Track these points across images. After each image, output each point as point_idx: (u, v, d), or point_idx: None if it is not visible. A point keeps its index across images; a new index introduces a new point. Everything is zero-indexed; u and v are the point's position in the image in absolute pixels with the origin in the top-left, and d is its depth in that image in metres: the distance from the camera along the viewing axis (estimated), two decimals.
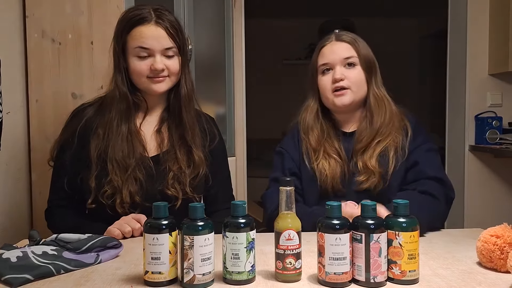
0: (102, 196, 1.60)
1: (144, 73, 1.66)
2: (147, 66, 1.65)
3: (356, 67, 1.76)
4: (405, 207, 1.12)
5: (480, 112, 3.65)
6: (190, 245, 1.07)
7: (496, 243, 1.20)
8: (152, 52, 1.64)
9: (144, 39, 1.64)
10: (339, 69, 1.74)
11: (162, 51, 1.65)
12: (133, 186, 1.62)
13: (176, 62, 1.68)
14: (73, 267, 1.22)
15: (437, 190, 1.65)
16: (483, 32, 3.64)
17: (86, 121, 1.70)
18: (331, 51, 1.77)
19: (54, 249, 1.25)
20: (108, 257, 1.31)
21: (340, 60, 1.75)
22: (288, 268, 1.11)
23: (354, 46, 1.76)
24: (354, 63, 1.75)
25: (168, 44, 1.66)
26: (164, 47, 1.65)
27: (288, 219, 1.12)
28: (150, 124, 1.75)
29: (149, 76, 1.66)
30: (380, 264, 1.08)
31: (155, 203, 1.13)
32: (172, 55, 1.67)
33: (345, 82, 1.73)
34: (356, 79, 1.75)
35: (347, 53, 1.75)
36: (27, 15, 2.13)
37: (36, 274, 1.15)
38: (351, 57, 1.75)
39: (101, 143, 1.65)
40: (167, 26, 1.66)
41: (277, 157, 1.86)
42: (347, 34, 1.80)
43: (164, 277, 1.10)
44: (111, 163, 1.63)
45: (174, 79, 1.70)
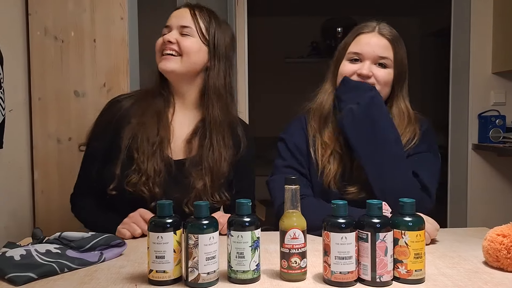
0: (127, 184, 1.57)
1: (159, 47, 1.65)
2: (162, 40, 1.65)
3: (387, 69, 1.64)
4: (411, 206, 1.11)
5: (484, 110, 3.63)
6: (194, 244, 1.06)
7: (502, 242, 1.19)
8: (170, 29, 1.65)
9: (169, 18, 1.67)
10: (368, 65, 1.63)
11: (179, 28, 1.64)
12: (157, 167, 1.58)
13: (191, 42, 1.64)
14: (77, 266, 1.22)
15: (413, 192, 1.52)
16: (486, 30, 3.62)
17: (123, 111, 1.68)
18: (368, 43, 1.64)
19: (58, 248, 1.25)
20: (112, 255, 1.30)
21: (374, 57, 1.63)
22: (294, 267, 1.10)
23: (393, 47, 1.65)
24: (386, 64, 1.64)
25: (186, 22, 1.64)
26: (180, 24, 1.64)
27: (293, 217, 1.11)
28: (181, 123, 1.70)
29: (162, 52, 1.64)
30: (386, 263, 1.07)
31: (159, 202, 1.12)
32: (188, 35, 1.64)
33: (371, 79, 1.63)
34: (384, 79, 1.63)
35: (384, 52, 1.63)
36: (29, 12, 2.12)
37: (40, 272, 1.15)
38: (386, 58, 1.64)
39: (132, 132, 1.62)
40: (194, 8, 1.66)
41: (282, 144, 1.75)
42: (391, 30, 1.67)
43: (169, 276, 1.09)
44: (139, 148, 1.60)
45: (187, 60, 1.63)
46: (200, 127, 1.68)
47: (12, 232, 1.97)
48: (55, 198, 2.18)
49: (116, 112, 1.68)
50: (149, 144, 1.60)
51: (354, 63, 1.66)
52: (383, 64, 1.64)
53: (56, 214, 2.18)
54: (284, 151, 1.73)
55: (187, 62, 1.64)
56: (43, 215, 2.17)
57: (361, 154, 1.58)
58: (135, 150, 1.60)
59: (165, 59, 1.63)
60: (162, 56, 1.64)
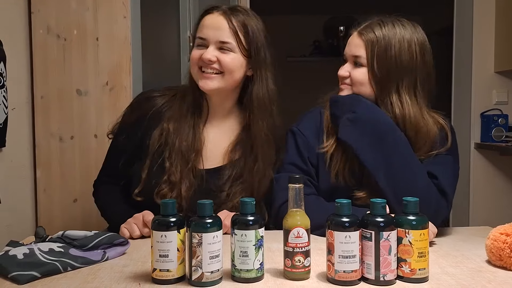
0: (157, 195, 1.52)
1: (194, 61, 1.55)
2: (199, 54, 1.54)
3: (362, 68, 1.59)
4: (415, 204, 1.11)
5: (486, 109, 3.63)
6: (198, 243, 1.06)
7: (506, 241, 1.19)
8: (207, 43, 1.54)
9: (203, 28, 1.55)
10: (347, 65, 1.63)
11: (217, 43, 1.53)
12: (190, 181, 1.54)
13: (232, 58, 1.54)
14: (80, 264, 1.21)
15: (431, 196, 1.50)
16: (489, 29, 3.61)
17: (155, 111, 1.60)
18: (349, 43, 1.63)
19: (61, 246, 1.24)
20: (114, 254, 1.30)
21: (349, 57, 1.62)
22: (297, 266, 1.10)
23: (369, 46, 1.57)
24: (361, 63, 1.59)
25: (225, 37, 1.53)
26: (219, 39, 1.53)
27: (297, 216, 1.11)
28: (215, 133, 1.64)
29: (201, 69, 1.55)
30: (390, 262, 1.07)
31: (162, 200, 1.12)
32: (229, 51, 1.54)
33: (348, 79, 1.62)
34: (357, 78, 1.59)
35: (357, 51, 1.59)
36: (32, 11, 2.13)
37: (43, 271, 1.15)
38: (358, 57, 1.59)
39: (164, 136, 1.57)
40: (232, 18, 1.54)
41: (291, 137, 1.69)
42: (372, 29, 1.59)
43: (172, 274, 1.09)
44: (172, 159, 1.54)
45: (229, 78, 1.55)
46: (244, 138, 1.62)
47: (14, 230, 1.97)
48: (57, 197, 2.19)
49: (148, 110, 1.61)
50: (183, 156, 1.55)
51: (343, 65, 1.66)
52: (357, 63, 1.60)
53: (58, 212, 2.18)
54: (291, 146, 1.68)
55: (229, 80, 1.56)
56: (45, 214, 2.18)
57: (369, 161, 1.52)
58: (167, 159, 1.55)
59: (205, 78, 1.54)
60: (203, 74, 1.54)
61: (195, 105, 1.61)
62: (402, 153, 1.52)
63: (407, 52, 1.57)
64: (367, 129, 1.54)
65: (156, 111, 1.61)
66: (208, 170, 1.59)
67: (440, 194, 1.52)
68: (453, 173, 1.60)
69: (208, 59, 1.52)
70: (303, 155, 1.64)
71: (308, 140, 1.66)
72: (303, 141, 1.66)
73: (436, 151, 1.57)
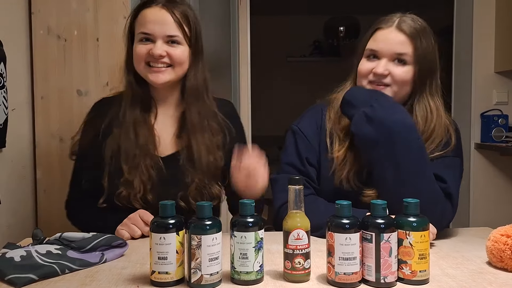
0: (117, 198, 1.55)
1: (142, 57, 1.55)
2: (146, 50, 1.55)
3: (406, 65, 1.53)
4: (416, 206, 1.10)
5: (486, 110, 3.63)
6: (197, 245, 1.06)
7: (506, 242, 1.18)
8: (153, 38, 1.55)
9: (147, 23, 1.55)
10: (385, 63, 1.54)
11: (164, 38, 1.55)
12: (144, 177, 1.55)
13: (181, 51, 1.57)
14: (77, 267, 1.21)
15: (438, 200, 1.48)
16: (489, 30, 3.61)
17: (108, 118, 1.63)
18: (385, 39, 1.54)
19: (58, 248, 1.24)
20: (113, 256, 1.30)
21: (391, 54, 1.53)
22: (297, 268, 1.09)
23: (413, 42, 1.52)
24: (405, 60, 1.53)
25: (172, 31, 1.55)
26: (167, 33, 1.54)
27: (297, 218, 1.11)
28: (165, 123, 1.66)
29: (148, 63, 1.56)
30: (390, 264, 1.07)
31: (161, 202, 1.12)
32: (177, 44, 1.56)
33: (388, 79, 1.54)
34: (401, 78, 1.53)
35: (402, 48, 1.52)
36: (32, 11, 2.12)
37: (41, 273, 1.14)
38: (404, 54, 1.52)
39: (114, 141, 1.59)
40: (174, 11, 1.55)
41: (291, 136, 1.67)
42: (412, 24, 1.55)
43: (171, 277, 1.08)
44: (124, 160, 1.56)
45: (179, 70, 1.59)
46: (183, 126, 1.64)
47: (14, 231, 1.97)
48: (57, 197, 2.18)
49: (102, 120, 1.64)
50: (132, 155, 1.57)
51: (372, 61, 1.57)
52: (401, 60, 1.53)
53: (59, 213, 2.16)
54: (290, 146, 1.66)
55: (179, 72, 1.60)
56: (45, 214, 2.17)
57: (378, 161, 1.48)
58: (123, 162, 1.57)
59: (156, 72, 1.56)
60: (151, 68, 1.56)
61: (142, 101, 1.62)
62: (415, 158, 1.46)
63: (435, 50, 1.57)
64: (383, 127, 1.47)
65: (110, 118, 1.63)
66: (164, 158, 1.61)
67: (446, 198, 1.49)
68: (460, 176, 1.59)
69: (159, 54, 1.53)
70: (301, 156, 1.63)
71: (309, 140, 1.64)
72: (303, 141, 1.64)
73: (443, 152, 1.55)
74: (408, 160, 1.45)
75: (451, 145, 1.57)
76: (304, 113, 1.72)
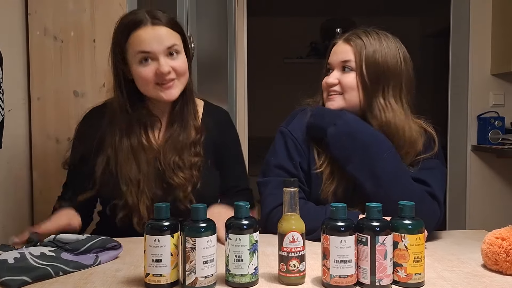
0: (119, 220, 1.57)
1: (150, 79, 1.55)
2: (152, 71, 1.54)
3: (351, 72, 1.58)
4: (411, 209, 1.11)
5: (483, 112, 3.64)
6: (192, 247, 1.06)
7: (501, 245, 1.18)
8: (154, 55, 1.53)
9: (143, 42, 1.53)
10: (335, 73, 1.61)
11: (165, 51, 1.54)
12: (148, 201, 1.56)
13: (182, 61, 1.58)
14: (71, 269, 1.21)
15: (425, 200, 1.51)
16: (485, 32, 3.62)
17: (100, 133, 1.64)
18: (335, 51, 1.63)
19: (52, 250, 1.23)
20: (107, 258, 1.29)
21: (338, 63, 1.61)
22: (292, 271, 1.09)
23: (356, 49, 1.57)
24: (350, 67, 1.58)
25: (170, 41, 1.55)
26: (166, 46, 1.54)
27: (292, 220, 1.10)
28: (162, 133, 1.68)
29: (157, 82, 1.55)
30: (385, 267, 1.07)
31: (156, 204, 1.12)
32: (177, 54, 1.57)
33: (338, 87, 1.60)
34: (348, 84, 1.58)
35: (345, 56, 1.59)
36: (29, 12, 2.12)
37: (34, 276, 1.14)
38: (347, 61, 1.58)
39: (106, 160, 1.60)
40: (165, 23, 1.55)
41: (281, 138, 1.66)
42: (361, 34, 1.60)
43: (166, 279, 1.08)
44: (124, 182, 1.57)
45: (183, 80, 1.60)
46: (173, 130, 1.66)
47: (10, 232, 1.96)
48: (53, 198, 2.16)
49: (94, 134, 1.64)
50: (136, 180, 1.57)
51: (328, 75, 1.64)
52: (347, 67, 1.59)
53: None
54: (280, 148, 1.64)
55: (184, 81, 1.61)
56: (41, 216, 2.16)
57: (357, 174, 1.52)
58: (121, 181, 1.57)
59: (167, 89, 1.56)
60: (162, 86, 1.56)
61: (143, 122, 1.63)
62: (386, 160, 1.50)
63: (392, 57, 1.58)
64: (350, 140, 1.52)
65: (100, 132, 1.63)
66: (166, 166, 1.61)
67: (432, 199, 1.51)
68: (442, 177, 1.61)
69: (167, 71, 1.53)
70: (294, 159, 1.61)
71: (299, 143, 1.63)
72: (294, 144, 1.63)
73: (422, 156, 1.57)
74: (384, 167, 1.49)
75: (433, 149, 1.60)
76: (292, 115, 1.71)
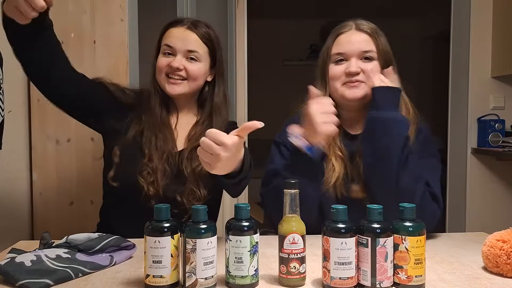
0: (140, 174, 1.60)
1: (162, 68, 1.67)
2: (166, 62, 1.67)
3: (373, 61, 1.62)
4: (412, 211, 1.10)
5: (483, 114, 3.63)
6: (192, 249, 1.05)
7: (502, 248, 1.18)
8: (174, 51, 1.66)
9: (171, 38, 1.68)
10: (355, 62, 1.61)
11: (185, 53, 1.66)
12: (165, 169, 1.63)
13: (198, 68, 1.68)
14: (89, 270, 1.20)
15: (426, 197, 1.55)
16: (486, 34, 3.62)
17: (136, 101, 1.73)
18: (349, 41, 1.64)
19: (67, 252, 1.22)
20: (122, 258, 1.29)
21: (358, 53, 1.62)
22: (292, 273, 1.09)
23: (374, 39, 1.63)
24: (372, 57, 1.62)
25: (193, 47, 1.67)
26: (188, 48, 1.66)
27: (292, 222, 1.10)
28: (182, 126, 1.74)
29: (167, 74, 1.67)
30: (386, 269, 1.06)
31: (156, 205, 1.11)
32: (196, 61, 1.67)
33: (361, 75, 1.61)
34: (374, 72, 1.60)
35: (366, 46, 1.63)
36: None
37: (56, 278, 1.13)
38: (369, 51, 1.62)
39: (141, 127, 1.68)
40: (198, 31, 1.68)
41: (275, 149, 1.72)
42: (368, 24, 1.67)
43: (166, 281, 1.08)
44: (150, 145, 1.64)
45: (193, 84, 1.69)
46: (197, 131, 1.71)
47: (10, 233, 1.96)
48: (53, 200, 2.17)
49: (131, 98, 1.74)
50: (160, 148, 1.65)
51: (341, 64, 1.64)
52: (368, 57, 1.62)
53: (54, 215, 2.17)
54: (276, 156, 1.70)
55: (194, 86, 1.70)
56: (41, 217, 2.16)
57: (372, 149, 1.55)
58: (146, 146, 1.64)
59: (172, 84, 1.67)
60: (169, 79, 1.67)
61: (165, 104, 1.74)
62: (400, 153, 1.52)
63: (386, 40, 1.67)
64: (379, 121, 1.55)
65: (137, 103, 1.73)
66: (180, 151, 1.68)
67: (432, 201, 1.54)
68: (439, 175, 1.64)
69: (177, 67, 1.65)
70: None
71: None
72: (287, 150, 1.66)
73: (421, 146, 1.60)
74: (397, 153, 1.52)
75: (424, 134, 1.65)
76: (284, 125, 1.73)
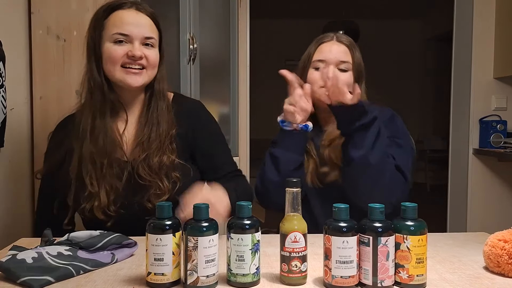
0: (82, 212, 1.54)
1: (118, 59, 1.52)
2: (123, 51, 1.52)
3: (348, 72, 1.77)
4: (413, 210, 1.10)
5: (485, 115, 3.64)
6: (194, 246, 1.05)
7: (504, 247, 1.18)
8: (130, 39, 1.53)
9: (124, 25, 1.53)
10: (333, 69, 1.75)
11: (142, 39, 1.54)
12: (109, 187, 1.53)
13: (155, 54, 1.57)
14: (90, 267, 1.20)
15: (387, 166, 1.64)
16: (488, 35, 3.62)
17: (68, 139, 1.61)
18: (330, 50, 1.79)
19: (68, 249, 1.22)
20: (123, 256, 1.29)
21: (336, 62, 1.77)
22: (294, 271, 1.09)
23: (351, 52, 1.80)
24: (347, 68, 1.77)
25: (149, 33, 1.55)
26: (145, 35, 1.54)
27: (294, 221, 1.10)
28: (132, 126, 1.63)
29: (125, 65, 1.53)
30: (387, 268, 1.06)
31: (158, 203, 1.11)
32: (152, 47, 1.57)
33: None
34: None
35: (344, 56, 1.78)
36: (32, 11, 2.12)
37: (57, 275, 1.13)
38: (346, 62, 1.77)
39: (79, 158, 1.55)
40: (148, 14, 1.57)
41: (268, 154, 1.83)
42: (347, 38, 1.85)
43: (167, 278, 1.08)
44: (87, 173, 1.53)
45: (151, 73, 1.58)
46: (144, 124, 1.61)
47: (11, 231, 1.96)
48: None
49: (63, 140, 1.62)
50: (100, 164, 1.54)
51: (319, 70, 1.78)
52: (343, 69, 1.77)
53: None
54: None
55: (152, 74, 1.59)
56: None
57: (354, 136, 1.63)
58: (86, 175, 1.53)
59: (133, 74, 1.54)
60: (128, 70, 1.53)
61: (112, 107, 1.59)
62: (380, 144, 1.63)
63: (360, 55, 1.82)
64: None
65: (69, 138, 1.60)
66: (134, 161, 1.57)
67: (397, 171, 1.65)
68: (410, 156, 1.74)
69: (139, 55, 1.52)
70: None
71: None
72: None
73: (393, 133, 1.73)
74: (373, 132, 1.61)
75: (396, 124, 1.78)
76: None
